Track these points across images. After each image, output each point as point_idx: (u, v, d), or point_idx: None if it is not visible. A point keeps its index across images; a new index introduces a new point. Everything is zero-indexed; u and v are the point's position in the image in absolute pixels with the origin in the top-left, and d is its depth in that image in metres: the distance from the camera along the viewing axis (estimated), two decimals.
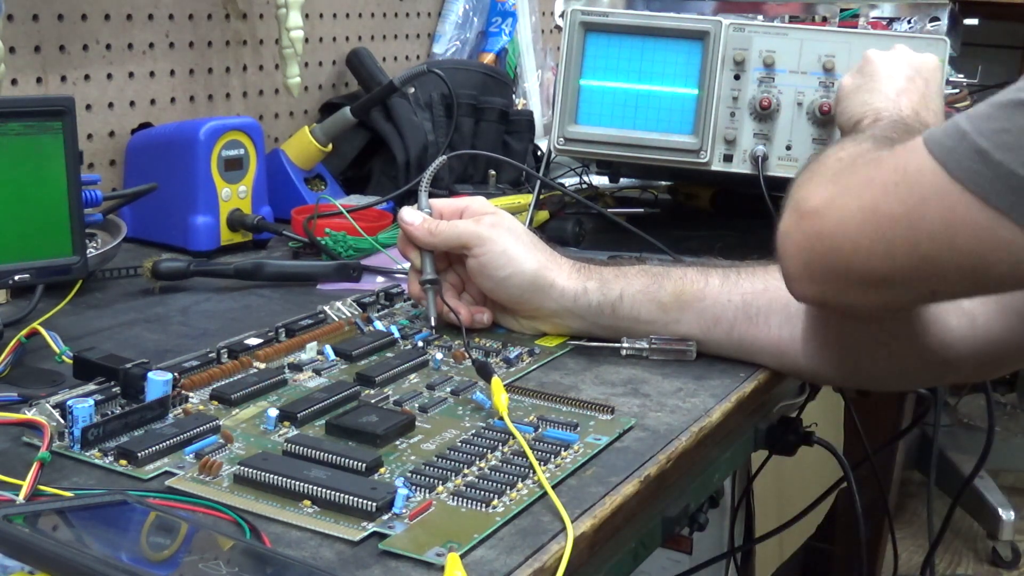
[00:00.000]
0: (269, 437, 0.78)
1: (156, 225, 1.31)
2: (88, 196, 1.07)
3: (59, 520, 0.61)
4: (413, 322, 1.02)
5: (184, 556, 0.61)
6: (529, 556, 0.64)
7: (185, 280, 1.15)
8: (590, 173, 1.58)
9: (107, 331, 1.01)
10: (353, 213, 1.30)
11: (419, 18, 1.92)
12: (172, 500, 0.68)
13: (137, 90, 1.43)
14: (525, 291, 0.98)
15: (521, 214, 1.34)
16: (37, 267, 0.95)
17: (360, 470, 0.72)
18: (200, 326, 1.04)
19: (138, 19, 1.42)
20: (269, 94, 1.62)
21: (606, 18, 1.30)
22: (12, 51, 1.27)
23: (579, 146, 1.32)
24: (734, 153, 1.28)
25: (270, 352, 0.92)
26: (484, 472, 0.73)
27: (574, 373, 0.94)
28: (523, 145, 1.67)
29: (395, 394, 0.86)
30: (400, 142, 1.54)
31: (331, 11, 1.73)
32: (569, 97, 1.31)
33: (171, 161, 1.30)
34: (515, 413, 0.83)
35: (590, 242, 1.36)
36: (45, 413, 0.76)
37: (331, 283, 1.18)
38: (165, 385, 0.80)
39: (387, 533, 0.65)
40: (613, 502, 0.72)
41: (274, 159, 1.45)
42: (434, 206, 1.03)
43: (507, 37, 2.00)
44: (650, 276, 0.98)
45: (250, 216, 1.31)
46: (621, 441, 0.80)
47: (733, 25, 1.27)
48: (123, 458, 0.73)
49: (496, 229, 0.99)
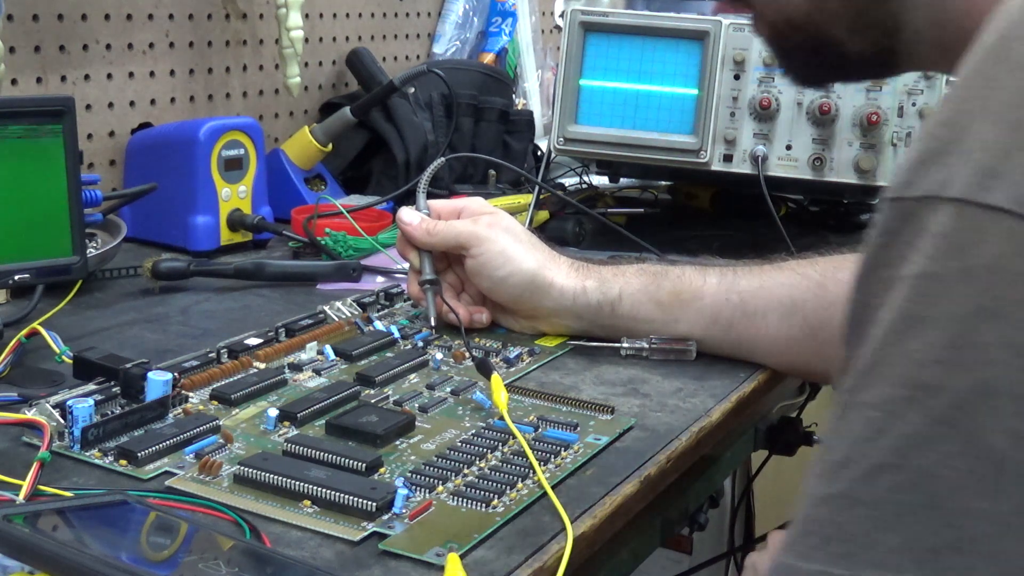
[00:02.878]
0: (269, 437, 0.78)
1: (156, 225, 1.31)
2: (88, 196, 1.07)
3: (59, 520, 0.61)
4: (413, 322, 1.02)
5: (184, 556, 0.61)
6: (529, 556, 0.64)
7: (185, 280, 1.15)
8: (590, 173, 1.58)
9: (107, 331, 1.01)
10: (353, 213, 1.30)
11: (419, 18, 1.92)
12: (172, 500, 0.68)
13: (137, 90, 1.43)
14: (524, 290, 0.98)
15: (521, 214, 1.34)
16: (37, 267, 0.95)
17: (360, 470, 0.72)
18: (200, 326, 1.04)
19: (138, 19, 1.42)
20: (269, 94, 1.62)
21: (606, 18, 1.30)
22: (12, 51, 1.27)
23: (579, 146, 1.32)
24: (734, 153, 1.28)
25: (270, 352, 0.92)
26: (484, 472, 0.73)
27: (574, 373, 0.94)
28: (523, 145, 1.67)
29: (395, 394, 0.86)
30: (400, 142, 1.54)
31: (331, 11, 1.73)
32: (569, 97, 1.31)
33: (171, 161, 1.30)
34: (515, 413, 0.83)
35: (590, 242, 1.36)
36: (45, 413, 0.76)
37: (331, 283, 1.18)
38: (165, 385, 0.80)
39: (387, 533, 0.65)
40: (613, 502, 0.72)
41: (274, 159, 1.45)
42: (432, 207, 1.03)
43: (507, 37, 2.00)
44: (649, 275, 0.98)
45: (250, 216, 1.31)
46: (621, 441, 0.80)
47: (733, 25, 1.27)
48: (123, 458, 0.73)
49: (494, 229, 0.99)
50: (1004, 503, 0.43)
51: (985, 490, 0.43)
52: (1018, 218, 0.43)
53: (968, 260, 0.44)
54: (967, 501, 0.43)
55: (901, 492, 0.45)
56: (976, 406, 0.43)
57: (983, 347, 0.43)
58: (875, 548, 0.45)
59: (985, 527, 0.43)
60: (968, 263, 0.44)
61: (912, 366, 0.45)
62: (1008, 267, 0.43)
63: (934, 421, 0.44)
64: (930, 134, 0.47)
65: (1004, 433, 0.42)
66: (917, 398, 0.45)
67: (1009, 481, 0.43)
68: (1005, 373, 0.43)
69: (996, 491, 0.43)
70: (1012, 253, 0.43)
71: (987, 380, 0.43)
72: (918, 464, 0.44)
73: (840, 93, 1.26)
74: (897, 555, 0.44)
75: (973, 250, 0.44)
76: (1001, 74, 0.45)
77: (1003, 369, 0.43)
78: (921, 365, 0.45)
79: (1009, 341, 0.43)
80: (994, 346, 0.43)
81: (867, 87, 1.25)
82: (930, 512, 0.44)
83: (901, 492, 0.45)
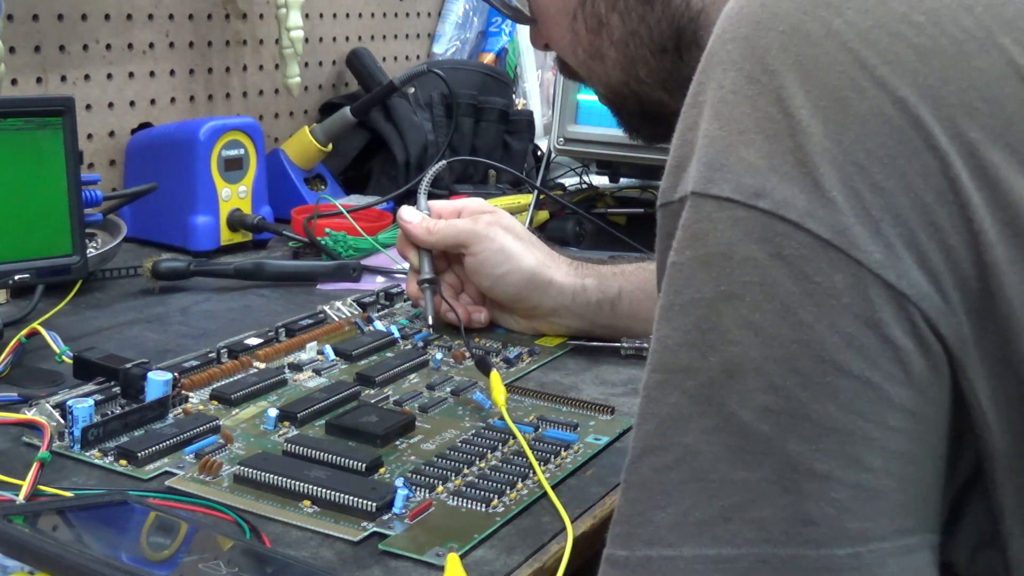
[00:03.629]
0: (269, 437, 0.78)
1: (156, 225, 1.31)
2: (88, 196, 1.07)
3: (59, 520, 0.61)
4: (413, 322, 1.02)
5: (184, 556, 0.61)
6: (529, 556, 0.64)
7: (185, 280, 1.15)
8: (590, 173, 1.58)
9: (107, 331, 1.01)
10: (353, 213, 1.30)
11: (419, 18, 1.92)
12: (172, 500, 0.68)
13: (137, 90, 1.43)
14: (523, 289, 0.98)
15: (521, 214, 1.34)
16: (37, 267, 0.95)
17: (360, 470, 0.72)
18: (200, 326, 1.04)
19: (138, 19, 1.42)
20: (269, 94, 1.62)
21: None
22: (12, 51, 1.27)
23: (579, 146, 1.32)
24: None
25: (270, 352, 0.92)
26: (484, 472, 0.73)
27: (574, 373, 0.94)
28: (523, 145, 1.67)
29: (395, 394, 0.86)
30: (400, 142, 1.54)
31: (331, 11, 1.73)
32: (569, 97, 1.31)
33: (171, 161, 1.30)
34: (515, 413, 0.83)
35: (590, 242, 1.36)
36: (45, 413, 0.76)
37: (331, 283, 1.18)
38: (165, 385, 0.80)
39: (387, 533, 0.65)
40: (613, 502, 0.72)
41: (274, 159, 1.45)
42: (432, 207, 1.03)
43: (507, 37, 2.00)
44: (648, 272, 0.98)
45: (250, 216, 1.31)
46: (621, 441, 0.80)
47: None
48: (123, 458, 0.73)
49: (493, 227, 0.99)
50: (758, 472, 0.45)
51: (740, 460, 0.46)
52: (741, 206, 0.46)
53: (703, 248, 0.47)
54: (727, 472, 0.46)
55: (666, 471, 0.47)
56: (725, 383, 0.46)
57: (725, 328, 0.46)
58: (649, 526, 0.47)
59: (745, 495, 0.46)
60: (703, 251, 0.47)
61: (665, 352, 0.48)
62: (736, 252, 0.46)
63: (690, 400, 0.47)
64: (678, 140, 0.50)
65: (751, 408, 0.45)
66: (672, 381, 0.48)
67: (761, 452, 0.45)
68: (747, 351, 0.45)
69: (751, 462, 0.46)
70: (738, 240, 0.46)
71: (732, 358, 0.46)
72: (679, 442, 0.47)
73: None
74: (670, 531, 0.47)
75: (706, 239, 0.47)
76: (717, 74, 0.48)
77: (745, 348, 0.46)
78: (672, 350, 0.48)
79: (747, 321, 0.46)
80: (735, 327, 0.46)
81: None
82: (695, 485, 0.47)
83: (666, 471, 0.47)
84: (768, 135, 0.46)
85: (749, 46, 0.47)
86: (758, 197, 0.45)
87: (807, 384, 0.45)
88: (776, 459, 0.45)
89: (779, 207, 0.45)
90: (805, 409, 0.45)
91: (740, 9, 0.49)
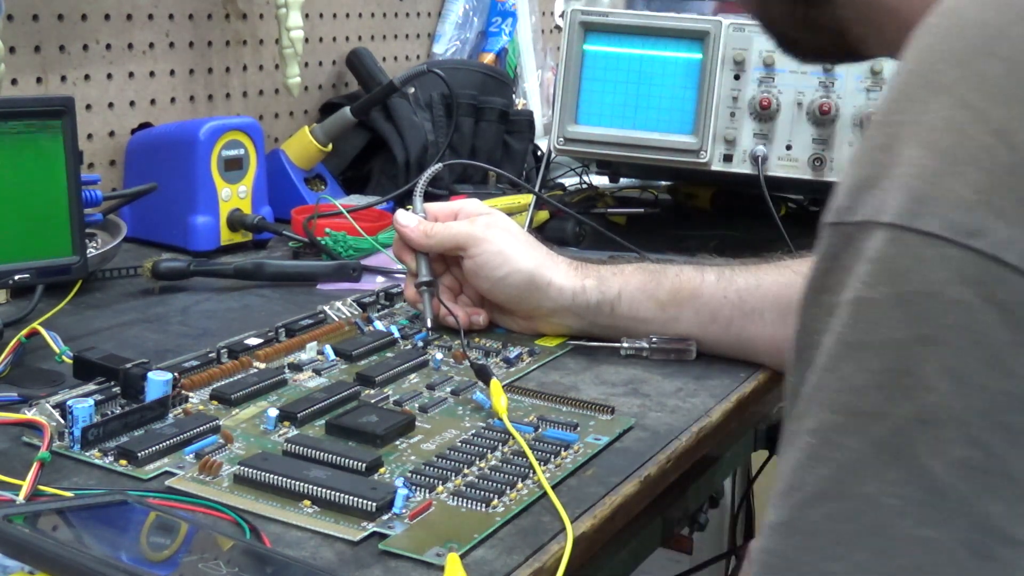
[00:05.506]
0: (269, 437, 0.78)
1: (156, 225, 1.31)
2: (88, 196, 1.07)
3: (59, 520, 0.61)
4: (413, 322, 1.02)
5: (184, 556, 0.61)
6: (529, 556, 0.64)
7: (185, 280, 1.15)
8: (590, 173, 1.58)
9: (107, 331, 1.01)
10: (353, 213, 1.30)
11: (419, 18, 1.92)
12: (172, 500, 0.68)
13: (137, 90, 1.43)
14: (522, 290, 0.98)
15: (521, 214, 1.34)
16: (37, 267, 0.95)
17: (360, 470, 0.72)
18: (200, 326, 1.04)
19: (138, 19, 1.42)
20: (269, 94, 1.62)
21: (606, 18, 1.30)
22: (12, 51, 1.27)
23: (579, 146, 1.32)
24: (734, 153, 1.28)
25: (270, 352, 0.92)
26: (484, 472, 0.73)
27: (574, 373, 0.94)
28: (523, 145, 1.67)
29: (395, 394, 0.86)
30: (400, 142, 1.54)
31: (331, 11, 1.73)
32: (569, 97, 1.31)
33: (171, 161, 1.30)
34: (515, 413, 0.83)
35: (590, 242, 1.36)
36: (45, 413, 0.76)
37: (331, 283, 1.18)
38: (165, 385, 0.80)
39: (387, 533, 0.65)
40: (613, 502, 0.72)
41: (274, 159, 1.45)
42: (428, 209, 1.03)
43: (507, 37, 2.00)
44: (647, 273, 0.98)
45: (250, 216, 1.31)
46: (621, 441, 0.80)
47: (733, 25, 1.27)
48: (123, 458, 0.73)
49: (491, 229, 0.99)
50: (947, 532, 0.42)
51: (929, 518, 0.42)
52: (951, 244, 0.42)
53: (903, 286, 0.43)
54: (911, 529, 0.42)
55: (841, 521, 0.44)
56: (917, 433, 0.42)
57: (923, 374, 0.43)
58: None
59: (929, 555, 0.42)
60: (903, 288, 0.43)
61: (849, 392, 0.44)
62: (943, 293, 0.42)
63: (876, 448, 0.43)
64: (864, 159, 0.46)
65: (946, 461, 0.42)
66: (855, 425, 0.44)
67: (952, 510, 0.42)
68: (946, 400, 0.42)
69: (939, 520, 0.42)
70: (946, 280, 0.42)
71: (928, 406, 0.42)
72: (859, 492, 0.43)
73: (840, 93, 1.26)
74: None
75: (908, 276, 0.43)
76: (924, 95, 0.45)
77: (944, 396, 0.42)
78: (859, 391, 0.44)
79: (949, 368, 0.42)
80: (935, 373, 0.42)
81: (867, 87, 1.25)
82: (873, 540, 0.43)
83: (841, 521, 0.44)
84: (985, 169, 0.42)
85: (968, 72, 0.44)
86: (972, 236, 0.42)
87: (1015, 441, 0.42)
88: (969, 519, 0.42)
89: (997, 249, 0.42)
90: (1008, 467, 0.42)
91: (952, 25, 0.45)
